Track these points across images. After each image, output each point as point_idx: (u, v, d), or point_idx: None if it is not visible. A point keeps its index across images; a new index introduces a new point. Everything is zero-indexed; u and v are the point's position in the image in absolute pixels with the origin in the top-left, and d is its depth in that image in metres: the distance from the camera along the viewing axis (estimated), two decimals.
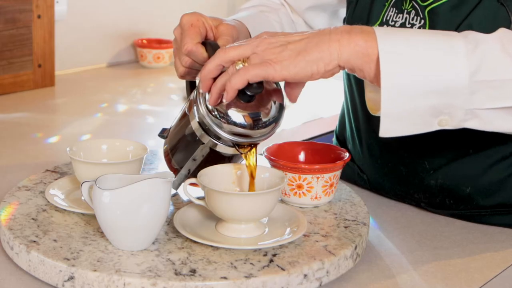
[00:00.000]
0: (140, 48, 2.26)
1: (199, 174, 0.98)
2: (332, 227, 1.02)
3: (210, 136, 0.99)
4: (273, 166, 1.07)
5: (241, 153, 0.99)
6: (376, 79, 0.92)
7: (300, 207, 1.08)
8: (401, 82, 0.91)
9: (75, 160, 1.05)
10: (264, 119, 0.98)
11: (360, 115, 1.23)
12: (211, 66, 0.95)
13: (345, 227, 1.02)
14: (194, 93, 1.02)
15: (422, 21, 1.10)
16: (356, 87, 1.23)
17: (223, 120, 0.97)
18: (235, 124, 0.97)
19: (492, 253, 1.06)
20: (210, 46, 1.03)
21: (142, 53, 2.26)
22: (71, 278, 0.88)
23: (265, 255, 0.93)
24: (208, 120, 0.98)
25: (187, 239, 0.96)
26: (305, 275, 0.90)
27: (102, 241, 0.95)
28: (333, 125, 1.84)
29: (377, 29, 0.93)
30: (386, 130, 0.94)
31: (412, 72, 0.91)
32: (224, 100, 0.95)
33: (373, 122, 1.21)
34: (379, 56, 0.90)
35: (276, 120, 1.00)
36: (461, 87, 0.91)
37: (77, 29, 2.16)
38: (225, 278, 0.87)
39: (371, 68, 0.92)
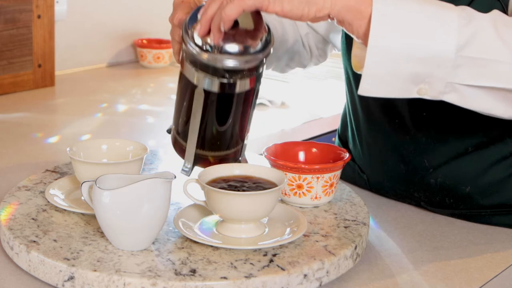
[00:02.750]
0: (140, 48, 2.26)
1: (199, 175, 0.98)
2: (332, 227, 1.02)
3: (205, 72, 0.98)
4: (273, 166, 1.07)
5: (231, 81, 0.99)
6: (364, 37, 0.93)
7: (300, 207, 1.08)
8: (389, 45, 0.92)
9: (75, 160, 1.05)
10: (253, 45, 0.98)
11: (360, 115, 1.23)
12: (213, 10, 0.96)
13: (345, 227, 1.02)
14: (183, 45, 1.01)
15: None
16: (356, 87, 1.23)
17: (216, 50, 0.96)
18: (227, 50, 0.97)
19: (492, 253, 1.06)
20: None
21: (142, 53, 2.26)
22: (71, 278, 0.88)
23: (265, 255, 0.93)
24: (198, 51, 0.97)
25: (187, 239, 0.96)
26: (305, 275, 0.90)
27: (102, 241, 0.95)
28: (333, 125, 1.85)
29: None
30: (366, 89, 0.95)
31: (401, 37, 0.92)
32: (222, 29, 0.95)
33: (373, 121, 1.21)
34: (372, 14, 0.91)
35: (265, 45, 0.99)
36: (446, 59, 0.92)
37: (77, 29, 2.16)
38: (225, 278, 0.87)
39: (361, 25, 0.93)
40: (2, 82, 1.87)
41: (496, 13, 0.96)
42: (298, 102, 1.95)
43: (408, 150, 1.17)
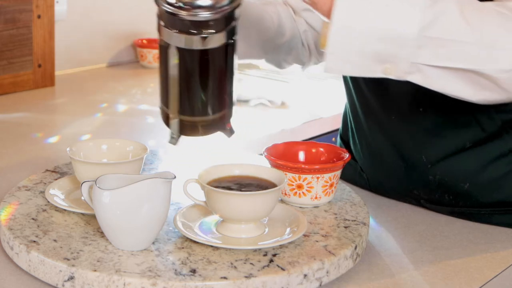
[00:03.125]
0: (140, 48, 2.26)
1: (199, 175, 0.98)
2: (332, 227, 1.02)
3: (174, 29, 1.00)
4: (273, 166, 1.07)
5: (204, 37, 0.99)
6: (328, 15, 0.94)
7: (300, 207, 1.08)
8: (352, 24, 0.93)
9: (75, 160, 1.05)
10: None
11: (359, 113, 1.24)
12: None
13: (345, 227, 1.02)
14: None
15: None
16: (354, 86, 1.24)
17: (182, 3, 0.98)
18: (192, 3, 0.98)
19: (492, 253, 1.06)
20: None
21: (142, 53, 2.26)
22: (71, 278, 0.88)
23: (265, 255, 0.93)
24: (165, 6, 0.99)
25: (187, 239, 0.96)
26: (305, 275, 0.90)
27: (102, 241, 0.95)
28: (333, 125, 1.85)
29: None
30: (330, 67, 0.96)
31: (365, 16, 0.93)
32: None
33: (372, 119, 1.21)
34: None
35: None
36: (409, 39, 0.93)
37: (77, 29, 2.16)
38: (225, 278, 0.87)
39: (326, 3, 0.95)
40: (2, 82, 1.87)
41: None
42: (298, 102, 1.95)
43: (406, 147, 1.17)
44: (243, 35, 1.20)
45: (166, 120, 1.07)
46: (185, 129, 1.06)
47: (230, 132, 1.07)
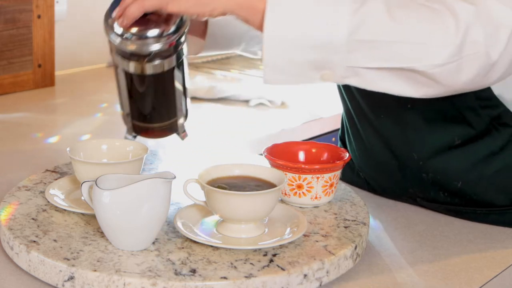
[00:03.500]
0: None
1: (199, 175, 0.98)
2: (332, 227, 1.02)
3: (123, 57, 1.07)
4: (273, 166, 1.07)
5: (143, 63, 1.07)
6: (261, 29, 0.96)
7: (300, 207, 1.08)
8: (283, 34, 0.94)
9: (75, 160, 1.05)
10: (156, 31, 1.06)
11: (352, 113, 1.25)
12: (129, 0, 1.02)
13: (345, 227, 1.02)
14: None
15: None
16: (344, 88, 1.24)
17: (123, 34, 1.05)
18: (132, 36, 1.05)
19: (492, 253, 1.06)
20: None
21: None
22: (71, 278, 0.88)
23: (265, 255, 0.93)
24: (116, 40, 1.06)
25: (187, 239, 0.96)
26: (305, 275, 0.90)
27: (102, 241, 0.95)
28: (333, 125, 1.85)
29: None
30: (268, 79, 0.98)
31: (295, 25, 0.94)
32: (122, 23, 1.03)
33: (363, 118, 1.21)
34: (266, 6, 0.94)
35: (175, 31, 1.07)
36: (339, 45, 0.94)
37: (77, 29, 2.16)
38: (225, 278, 0.87)
39: (257, 19, 0.96)
40: (2, 82, 1.87)
41: None
42: (298, 102, 1.95)
43: (397, 145, 1.17)
44: (219, 28, 1.22)
45: (124, 119, 1.17)
46: (138, 130, 1.16)
47: (183, 135, 1.17)
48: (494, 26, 0.93)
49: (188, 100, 1.17)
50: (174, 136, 1.18)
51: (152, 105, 1.13)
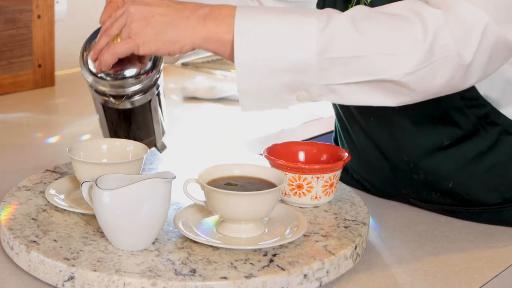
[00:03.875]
0: None
1: (199, 175, 0.98)
2: (332, 227, 1.02)
3: (98, 93, 1.13)
4: (273, 166, 1.07)
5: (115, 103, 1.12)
6: (231, 59, 0.97)
7: (300, 207, 1.08)
8: (253, 62, 0.95)
9: (75, 160, 1.05)
10: (131, 74, 1.10)
11: (343, 117, 1.25)
12: (102, 44, 1.04)
13: (345, 227, 1.02)
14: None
15: None
16: None
17: (97, 76, 1.10)
18: (106, 78, 1.10)
19: (492, 253, 1.06)
20: None
21: None
22: (71, 278, 0.88)
23: (265, 255, 0.93)
24: (90, 79, 1.11)
25: (187, 239, 0.96)
26: (305, 275, 0.90)
27: (102, 241, 0.95)
28: (333, 125, 1.84)
29: (239, 10, 0.97)
30: (246, 107, 0.99)
31: (263, 52, 0.95)
32: (98, 68, 1.07)
33: (353, 121, 1.22)
34: (234, 37, 0.95)
35: (151, 69, 1.11)
36: (310, 65, 0.95)
37: (77, 29, 2.16)
38: (225, 278, 0.87)
39: (226, 50, 0.97)
40: (2, 82, 1.86)
41: (358, 7, 0.98)
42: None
43: (387, 147, 1.18)
44: None
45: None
46: None
47: (162, 148, 1.22)
48: (464, 28, 0.94)
49: (165, 117, 1.22)
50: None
51: (130, 130, 1.18)
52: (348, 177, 1.28)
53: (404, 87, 0.96)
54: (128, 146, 1.12)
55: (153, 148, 1.26)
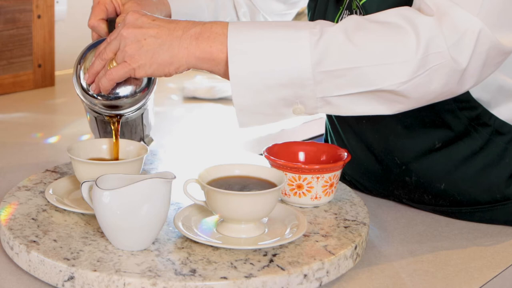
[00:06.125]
0: None
1: (199, 175, 0.98)
2: (332, 227, 1.02)
3: (91, 109, 1.13)
4: (273, 166, 1.07)
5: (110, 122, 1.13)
6: (227, 77, 0.97)
7: (300, 207, 1.08)
8: (248, 79, 0.96)
9: (75, 160, 1.05)
10: (125, 94, 1.10)
11: (334, 120, 1.26)
12: (97, 68, 1.04)
13: (345, 227, 1.02)
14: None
15: None
16: None
17: (92, 96, 1.09)
18: (101, 99, 1.09)
19: (492, 253, 1.06)
20: (111, 23, 1.18)
21: None
22: (71, 278, 0.88)
23: (265, 255, 0.93)
24: (82, 98, 1.10)
25: (187, 239, 0.96)
26: (305, 275, 0.90)
27: (102, 241, 0.95)
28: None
29: (231, 27, 0.97)
30: (243, 123, 1.00)
31: (259, 68, 0.95)
32: (95, 91, 1.07)
33: (345, 123, 1.22)
34: (228, 55, 0.95)
35: (144, 89, 1.11)
36: (305, 79, 0.95)
37: (77, 29, 2.16)
38: (225, 278, 0.87)
39: (220, 69, 0.98)
40: (2, 82, 1.87)
41: (350, 18, 0.98)
42: None
43: (379, 149, 1.18)
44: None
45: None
46: None
47: (149, 142, 1.24)
48: (458, 33, 0.94)
49: (154, 114, 1.25)
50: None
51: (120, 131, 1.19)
52: (340, 178, 1.28)
53: (400, 95, 0.96)
54: (128, 146, 1.12)
55: (152, 149, 1.26)
